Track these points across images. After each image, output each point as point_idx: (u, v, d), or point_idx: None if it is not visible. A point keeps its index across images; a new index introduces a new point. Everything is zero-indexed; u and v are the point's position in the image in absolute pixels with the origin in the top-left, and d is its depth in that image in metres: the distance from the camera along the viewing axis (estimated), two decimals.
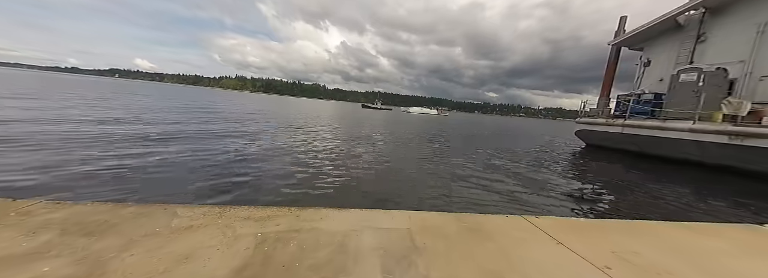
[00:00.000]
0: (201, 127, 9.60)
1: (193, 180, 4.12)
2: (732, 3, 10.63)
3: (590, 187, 5.95)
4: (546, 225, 2.28)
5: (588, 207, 4.58)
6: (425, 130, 17.95)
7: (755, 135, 7.77)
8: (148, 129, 7.98)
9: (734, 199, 5.56)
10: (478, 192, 4.80)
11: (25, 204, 1.96)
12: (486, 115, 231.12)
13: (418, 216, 2.32)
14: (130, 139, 6.42)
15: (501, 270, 1.61)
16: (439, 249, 1.79)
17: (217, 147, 6.50)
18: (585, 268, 1.72)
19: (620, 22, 14.59)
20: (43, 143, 5.21)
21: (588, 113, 14.64)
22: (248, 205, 2.22)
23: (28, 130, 6.16)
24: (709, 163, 8.86)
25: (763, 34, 9.78)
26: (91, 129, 7.10)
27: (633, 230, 2.43)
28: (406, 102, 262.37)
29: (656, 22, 12.60)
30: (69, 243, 1.53)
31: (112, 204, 2.06)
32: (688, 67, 10.40)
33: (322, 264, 1.53)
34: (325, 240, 1.77)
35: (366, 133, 12.92)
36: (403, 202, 3.98)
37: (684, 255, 2.00)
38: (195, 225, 1.84)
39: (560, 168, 7.98)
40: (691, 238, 2.35)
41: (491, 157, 8.89)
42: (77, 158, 4.55)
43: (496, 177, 6.03)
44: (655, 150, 10.49)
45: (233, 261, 1.49)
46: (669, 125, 9.79)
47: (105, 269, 1.35)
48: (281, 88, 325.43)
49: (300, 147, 7.57)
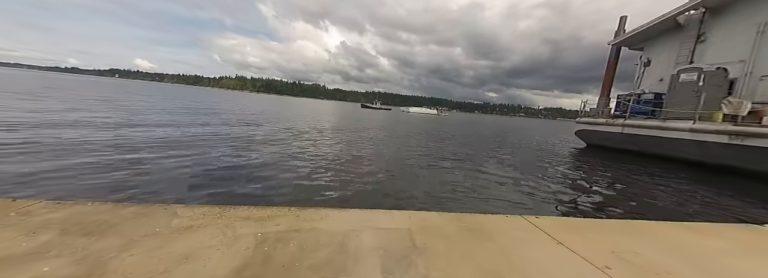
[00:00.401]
0: (205, 129, 9.62)
1: (193, 180, 4.12)
2: (732, 3, 10.63)
3: (590, 187, 5.95)
4: (546, 225, 2.28)
5: (588, 207, 4.58)
6: (425, 130, 17.95)
7: (755, 134, 7.77)
8: (153, 133, 7.98)
9: (734, 199, 5.55)
10: (478, 192, 4.80)
11: (25, 204, 1.96)
12: (486, 115, 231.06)
13: (418, 216, 2.32)
14: (132, 141, 6.42)
15: (501, 270, 1.61)
16: (439, 249, 1.79)
17: (216, 147, 6.50)
18: (585, 268, 1.72)
19: (620, 22, 14.59)
20: (65, 148, 5.19)
21: (588, 113, 14.64)
22: (248, 205, 2.22)
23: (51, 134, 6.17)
24: (710, 163, 8.86)
25: (763, 33, 9.78)
26: (91, 131, 7.11)
27: (633, 230, 2.43)
28: (407, 102, 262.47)
29: (656, 22, 12.60)
30: (69, 243, 1.53)
31: (112, 204, 2.06)
32: (688, 67, 10.40)
33: (322, 264, 1.53)
34: (325, 240, 1.77)
35: (364, 134, 12.91)
36: (403, 202, 3.98)
37: (684, 255, 2.00)
38: (195, 225, 1.84)
39: (560, 168, 7.97)
40: (691, 238, 2.35)
41: (491, 158, 8.89)
42: (83, 161, 4.55)
43: (497, 177, 6.03)
44: (655, 150, 10.49)
45: (233, 261, 1.49)
46: (669, 125, 9.79)
47: (105, 269, 1.35)
48: (281, 88, 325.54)
49: (298, 148, 7.58)
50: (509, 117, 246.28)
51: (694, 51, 11.69)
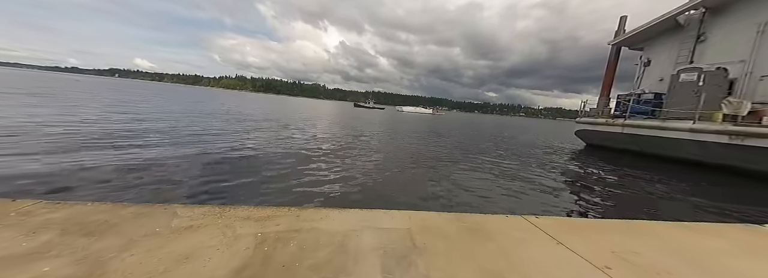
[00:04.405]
0: (202, 128, 9.61)
1: (194, 180, 4.12)
2: (732, 3, 10.62)
3: (590, 187, 5.95)
4: (546, 225, 2.28)
5: (588, 207, 4.58)
6: (414, 131, 17.94)
7: (755, 134, 7.77)
8: (151, 138, 7.98)
9: (734, 199, 5.55)
10: (478, 192, 4.80)
11: (25, 204, 1.96)
12: (486, 115, 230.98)
13: (418, 216, 2.32)
14: (132, 138, 6.43)
15: (501, 270, 1.61)
16: (439, 249, 1.79)
17: (214, 147, 6.51)
18: (585, 268, 1.72)
19: (620, 22, 14.58)
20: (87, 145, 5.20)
21: (588, 113, 14.64)
22: (248, 205, 2.22)
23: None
24: (710, 163, 8.85)
25: (763, 33, 9.77)
26: (93, 129, 7.11)
27: (633, 230, 2.42)
28: (407, 102, 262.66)
29: (656, 21, 12.60)
30: (69, 243, 1.53)
31: (112, 204, 2.06)
32: (688, 67, 10.40)
33: (322, 264, 1.53)
34: (325, 240, 1.77)
35: (344, 137, 12.89)
36: (402, 202, 3.98)
37: (684, 255, 2.00)
38: (195, 225, 1.84)
39: (560, 168, 7.97)
40: (691, 238, 2.35)
41: (491, 158, 8.88)
42: (85, 159, 4.55)
43: (496, 178, 6.03)
44: (656, 150, 10.49)
45: (233, 261, 1.49)
46: (669, 125, 9.79)
47: (105, 269, 1.35)
48: (281, 88, 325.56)
49: (285, 145, 7.58)
50: (509, 117, 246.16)
51: (694, 51, 11.68)
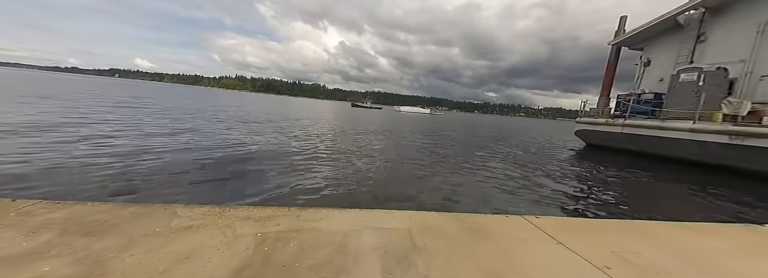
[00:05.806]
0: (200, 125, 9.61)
1: (192, 180, 4.12)
2: (732, 3, 10.62)
3: (590, 187, 5.95)
4: (546, 225, 2.28)
5: (588, 207, 4.58)
6: (413, 131, 17.95)
7: (755, 135, 7.76)
8: (151, 141, 7.98)
9: (734, 199, 5.55)
10: (478, 192, 4.80)
11: (25, 204, 1.96)
12: (486, 115, 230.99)
13: (418, 216, 2.32)
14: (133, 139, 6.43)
15: (501, 270, 1.61)
16: (439, 249, 1.79)
17: (214, 147, 6.51)
18: (585, 268, 1.72)
19: (620, 22, 14.58)
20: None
21: (588, 113, 14.64)
22: (248, 205, 2.23)
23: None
24: (710, 163, 8.85)
25: (763, 33, 9.77)
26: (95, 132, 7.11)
27: (633, 230, 2.42)
28: (406, 102, 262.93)
29: (656, 21, 12.59)
30: (69, 243, 1.53)
31: (112, 204, 2.06)
32: (689, 67, 10.39)
33: (322, 264, 1.53)
34: (325, 240, 1.77)
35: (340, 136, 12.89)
36: (402, 202, 3.98)
37: (684, 255, 2.00)
38: (195, 225, 1.84)
39: (560, 168, 7.97)
40: (691, 238, 2.35)
41: (491, 158, 8.88)
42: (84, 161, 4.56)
43: (496, 178, 6.03)
44: (656, 150, 10.49)
45: (233, 261, 1.49)
46: (669, 125, 9.79)
47: (105, 269, 1.35)
48: (281, 88, 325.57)
49: (285, 145, 7.58)
50: (509, 117, 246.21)
51: (694, 51, 11.67)
